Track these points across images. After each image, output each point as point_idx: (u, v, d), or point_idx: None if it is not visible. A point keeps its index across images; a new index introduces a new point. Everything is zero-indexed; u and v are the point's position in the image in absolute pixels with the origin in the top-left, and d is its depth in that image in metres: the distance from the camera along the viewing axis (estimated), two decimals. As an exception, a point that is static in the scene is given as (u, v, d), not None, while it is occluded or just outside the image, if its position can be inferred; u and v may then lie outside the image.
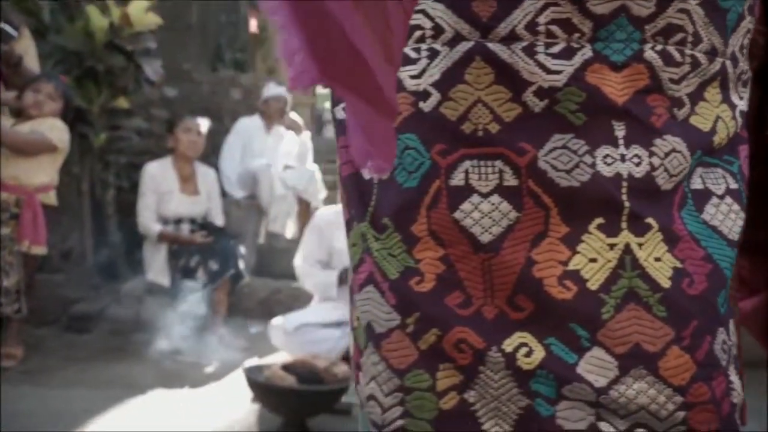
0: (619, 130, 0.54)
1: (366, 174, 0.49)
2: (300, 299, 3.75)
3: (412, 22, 0.60)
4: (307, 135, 4.52)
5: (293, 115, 4.54)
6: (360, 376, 0.64)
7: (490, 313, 0.55)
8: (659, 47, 0.54)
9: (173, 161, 3.25)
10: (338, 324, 2.54)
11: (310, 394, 1.71)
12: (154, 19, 3.38)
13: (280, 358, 2.82)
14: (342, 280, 2.61)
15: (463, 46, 0.56)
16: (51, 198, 2.45)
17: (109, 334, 3.00)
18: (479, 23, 0.56)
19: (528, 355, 0.53)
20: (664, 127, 0.54)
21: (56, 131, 2.37)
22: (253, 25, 6.46)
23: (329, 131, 11.22)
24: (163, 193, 3.17)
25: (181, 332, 2.98)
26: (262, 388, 1.73)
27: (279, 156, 4.24)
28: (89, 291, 3.42)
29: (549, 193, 0.54)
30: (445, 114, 0.57)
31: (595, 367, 0.52)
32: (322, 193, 4.33)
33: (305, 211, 4.36)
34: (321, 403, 1.75)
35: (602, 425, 0.51)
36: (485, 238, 0.55)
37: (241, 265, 3.09)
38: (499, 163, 0.56)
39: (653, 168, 0.53)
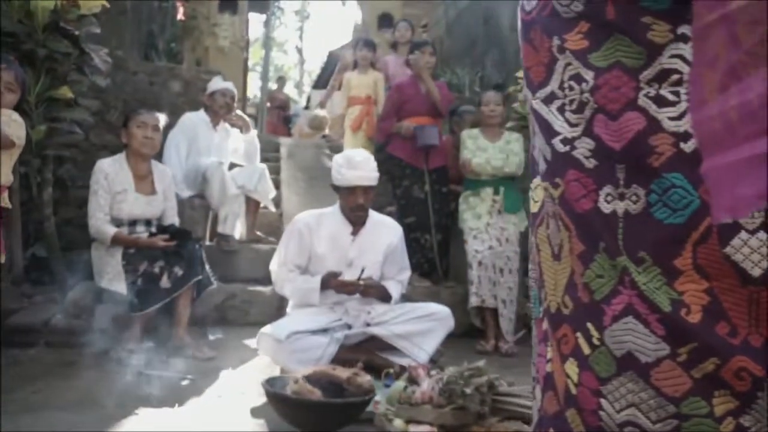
0: None
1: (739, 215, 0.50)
2: (256, 304, 3.63)
3: (668, 66, 0.63)
4: (254, 133, 4.36)
5: (240, 112, 4.36)
6: (603, 402, 0.66)
7: (757, 342, 0.60)
8: None
9: (127, 158, 3.01)
10: (324, 331, 2.49)
11: (341, 406, 1.68)
12: (100, 1, 3.10)
13: (256, 367, 2.72)
14: (325, 285, 2.56)
15: None
16: (5, 200, 2.18)
17: (57, 348, 2.72)
18: None
19: (801, 380, 0.58)
20: None
21: (14, 125, 2.11)
22: (181, 12, 6.10)
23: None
24: (117, 192, 2.92)
25: (143, 344, 2.77)
26: (289, 402, 1.67)
27: (226, 154, 4.06)
28: (22, 300, 3.08)
29: None
30: None
31: None
32: (272, 193, 4.20)
33: (254, 212, 4.21)
34: (349, 415, 1.71)
35: None
36: (756, 272, 0.59)
37: (208, 270, 2.93)
38: None
39: None
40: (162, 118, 3.08)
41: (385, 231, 2.73)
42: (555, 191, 0.70)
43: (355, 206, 2.58)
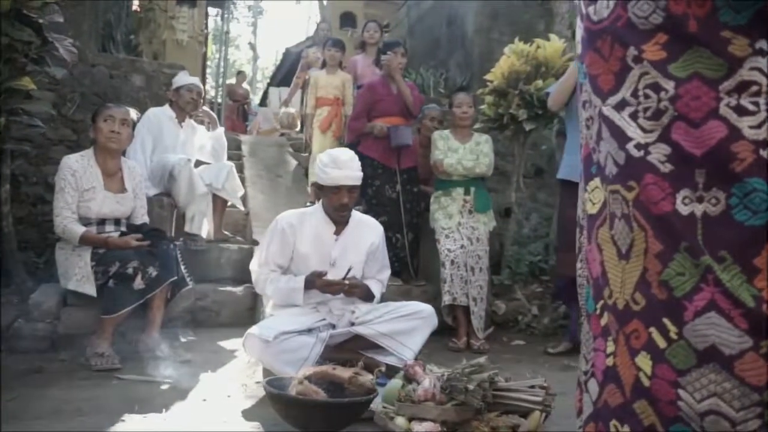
0: None
1: None
2: (227, 305, 3.55)
3: (748, 78, 0.67)
4: (221, 130, 4.26)
5: (206, 108, 4.25)
6: (681, 393, 0.70)
7: None
8: None
9: (95, 155, 2.87)
10: (309, 330, 2.47)
11: (346, 406, 1.67)
12: (64, -10, 2.95)
13: (236, 369, 2.67)
14: (308, 284, 2.54)
15: None
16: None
17: (22, 354, 2.57)
18: None
19: None
20: None
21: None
22: (136, 3, 5.87)
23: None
24: (85, 190, 2.79)
25: (116, 347, 2.66)
26: (296, 403, 1.65)
27: (192, 151, 3.95)
28: (-24, 304, 2.89)
29: None
30: None
31: None
32: (240, 191, 4.11)
33: (221, 211, 4.11)
34: (353, 414, 1.71)
35: None
36: None
37: (184, 270, 2.84)
38: None
39: None
40: (132, 113, 2.97)
41: (367, 230, 2.73)
42: (628, 194, 0.74)
43: (340, 206, 2.57)
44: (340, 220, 2.64)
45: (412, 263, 3.96)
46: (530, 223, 4.85)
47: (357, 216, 2.76)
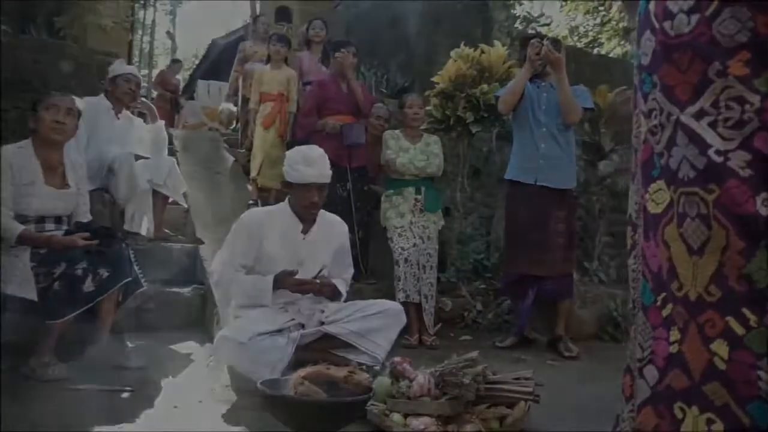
0: None
1: None
2: (175, 306, 3.38)
3: None
4: (161, 123, 4.04)
5: (145, 99, 4.01)
6: (761, 374, 0.78)
7: None
8: None
9: (34, 146, 2.63)
10: (279, 331, 2.42)
11: (348, 405, 1.65)
12: (-4, -35, 2.68)
13: (197, 373, 2.55)
14: (276, 284, 2.48)
15: None
16: None
17: (-46, 367, 2.30)
18: None
19: None
20: None
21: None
22: (53, -18, 5.39)
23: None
24: (23, 184, 2.55)
25: (63, 355, 2.46)
26: (299, 404, 1.60)
27: (131, 144, 3.72)
28: None
29: None
30: None
31: None
32: (183, 188, 3.93)
33: (162, 208, 3.91)
34: (353, 413, 1.69)
35: None
36: None
37: (137, 271, 2.68)
38: None
39: None
40: (79, 102, 2.75)
41: (334, 229, 2.71)
42: (708, 196, 0.80)
43: (310, 204, 2.53)
44: (308, 219, 2.61)
45: (363, 261, 3.97)
46: (468, 223, 5.01)
47: (324, 215, 2.73)
